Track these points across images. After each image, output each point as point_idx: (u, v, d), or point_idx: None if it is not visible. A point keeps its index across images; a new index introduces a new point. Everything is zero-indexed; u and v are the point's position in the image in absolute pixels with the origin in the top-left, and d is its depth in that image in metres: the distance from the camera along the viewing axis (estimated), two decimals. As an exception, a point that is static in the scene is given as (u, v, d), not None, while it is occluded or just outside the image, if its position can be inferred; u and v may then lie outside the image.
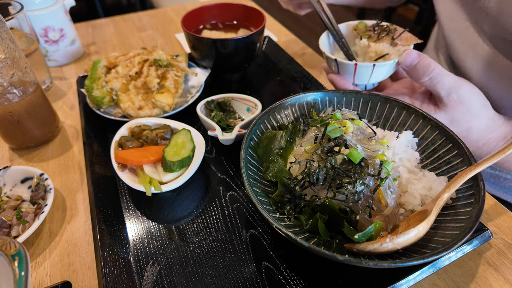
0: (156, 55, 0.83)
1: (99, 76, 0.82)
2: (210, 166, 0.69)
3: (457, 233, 0.44)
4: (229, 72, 0.92)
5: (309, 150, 0.55)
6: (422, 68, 0.62)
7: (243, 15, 0.94)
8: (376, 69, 0.67)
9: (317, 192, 0.51)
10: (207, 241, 0.55)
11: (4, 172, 0.64)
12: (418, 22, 3.24)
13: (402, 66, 0.65)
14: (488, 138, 0.65)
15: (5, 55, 0.62)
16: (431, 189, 0.52)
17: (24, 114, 0.69)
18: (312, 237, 0.49)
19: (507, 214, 0.59)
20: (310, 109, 0.66)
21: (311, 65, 1.02)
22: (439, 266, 0.48)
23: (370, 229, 0.45)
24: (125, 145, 0.65)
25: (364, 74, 0.69)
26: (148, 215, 0.60)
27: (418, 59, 0.63)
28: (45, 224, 0.61)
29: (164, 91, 0.79)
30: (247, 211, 0.60)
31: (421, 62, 0.62)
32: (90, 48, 1.14)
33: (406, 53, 0.64)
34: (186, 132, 0.66)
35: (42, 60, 0.91)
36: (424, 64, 0.62)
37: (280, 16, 1.40)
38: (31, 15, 0.92)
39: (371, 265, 0.40)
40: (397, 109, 0.63)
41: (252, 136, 0.60)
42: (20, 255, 0.39)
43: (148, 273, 0.51)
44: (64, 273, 0.54)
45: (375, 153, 0.51)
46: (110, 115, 0.77)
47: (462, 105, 0.62)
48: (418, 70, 0.63)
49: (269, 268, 0.51)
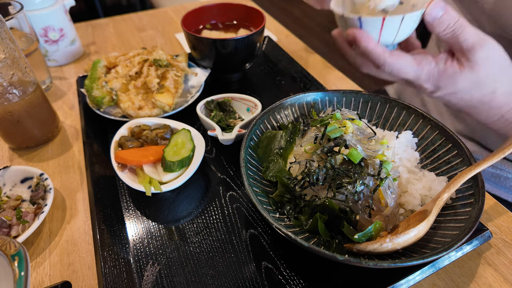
0: (156, 55, 0.83)
1: (99, 76, 0.82)
2: (210, 166, 0.69)
3: (457, 233, 0.44)
4: (229, 72, 0.92)
5: (309, 150, 0.55)
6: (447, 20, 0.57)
7: (243, 15, 0.94)
8: (404, 22, 0.59)
9: (317, 192, 0.51)
10: (207, 241, 0.55)
11: (4, 172, 0.64)
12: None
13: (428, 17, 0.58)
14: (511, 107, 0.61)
15: (5, 55, 0.62)
16: (431, 189, 0.52)
17: (24, 114, 0.69)
18: (312, 237, 0.49)
19: (507, 214, 0.59)
20: (310, 109, 0.66)
21: (311, 65, 1.02)
22: (439, 266, 0.48)
23: (370, 229, 0.45)
24: (125, 145, 0.65)
25: (392, 29, 0.61)
26: (148, 215, 0.60)
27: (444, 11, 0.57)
28: (45, 224, 0.61)
29: (164, 91, 0.79)
30: (247, 211, 0.60)
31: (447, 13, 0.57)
32: (90, 48, 1.14)
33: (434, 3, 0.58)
34: (186, 132, 0.66)
35: (42, 60, 0.91)
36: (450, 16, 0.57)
37: (280, 16, 1.41)
38: (31, 15, 0.92)
39: (371, 265, 0.40)
40: (397, 109, 0.63)
41: (252, 136, 0.60)
42: (20, 255, 0.39)
43: (148, 273, 0.51)
44: (64, 273, 0.54)
45: (375, 153, 0.51)
46: (110, 115, 0.77)
47: (488, 62, 0.58)
48: (443, 23, 0.57)
49: (269, 268, 0.51)
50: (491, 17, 0.68)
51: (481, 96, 0.60)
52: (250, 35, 0.79)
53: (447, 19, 0.57)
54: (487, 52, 0.57)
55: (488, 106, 0.61)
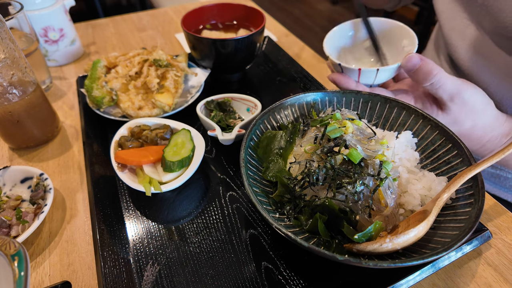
0: (156, 55, 0.83)
1: (99, 76, 0.82)
2: (210, 166, 0.69)
3: (456, 233, 0.44)
4: (229, 72, 0.92)
5: (309, 150, 0.55)
6: (423, 73, 0.62)
7: (243, 15, 0.94)
8: (379, 73, 0.67)
9: (317, 192, 0.51)
10: (207, 241, 0.55)
11: (3, 172, 0.64)
12: (418, 22, 3.24)
13: (403, 69, 0.65)
14: (492, 135, 0.66)
15: (5, 55, 0.62)
16: (430, 189, 0.52)
17: (24, 114, 0.69)
18: (312, 237, 0.49)
19: (507, 214, 0.59)
20: (310, 109, 0.66)
21: (311, 65, 1.02)
22: (438, 266, 0.48)
23: (370, 229, 0.45)
24: (125, 145, 0.65)
25: (368, 77, 0.69)
26: (147, 215, 0.60)
27: (419, 63, 0.62)
28: (44, 224, 0.61)
29: (164, 91, 0.79)
30: (247, 211, 0.60)
31: (423, 66, 0.62)
32: (90, 48, 1.14)
33: (408, 57, 0.63)
34: (186, 132, 0.66)
35: (42, 60, 0.91)
36: (426, 70, 0.61)
37: (280, 16, 1.40)
38: (31, 15, 0.92)
39: (370, 265, 0.40)
40: (397, 109, 0.63)
41: (252, 136, 0.60)
42: (20, 255, 0.39)
43: (148, 273, 0.51)
44: (64, 273, 0.54)
45: (375, 153, 0.51)
46: (110, 115, 0.77)
47: (466, 107, 0.63)
48: (420, 75, 0.62)
49: (269, 268, 0.51)
50: (490, 14, 0.68)
51: (460, 131, 0.65)
52: (250, 35, 0.79)
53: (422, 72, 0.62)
54: (464, 99, 0.62)
55: (468, 139, 0.66)
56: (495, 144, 0.66)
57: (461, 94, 0.61)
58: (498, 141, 0.66)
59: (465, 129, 0.65)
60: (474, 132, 0.66)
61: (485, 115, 0.64)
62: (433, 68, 0.61)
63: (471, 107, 0.63)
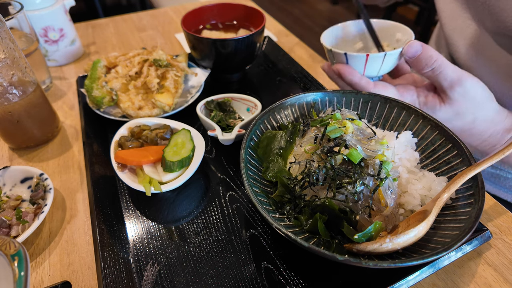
0: (156, 55, 0.83)
1: (99, 76, 0.82)
2: (210, 166, 0.69)
3: (456, 233, 0.44)
4: (229, 72, 0.92)
5: (309, 150, 0.55)
6: (424, 59, 0.62)
7: (243, 15, 0.94)
8: (386, 58, 0.66)
9: (317, 192, 0.51)
10: (207, 241, 0.55)
11: (3, 172, 0.64)
12: (418, 22, 3.24)
13: (405, 56, 0.65)
14: (494, 130, 0.65)
15: (5, 55, 0.62)
16: (430, 189, 0.52)
17: (24, 114, 0.69)
18: (312, 237, 0.49)
19: (507, 214, 0.59)
20: (310, 109, 0.66)
21: (311, 65, 1.02)
22: (438, 266, 0.48)
23: (370, 229, 0.45)
24: (125, 145, 0.65)
25: (375, 64, 0.68)
26: (147, 215, 0.60)
27: (421, 50, 0.62)
28: (44, 224, 0.61)
29: (164, 91, 0.79)
30: (247, 211, 0.60)
31: (424, 53, 0.62)
32: (90, 48, 1.14)
33: (410, 43, 0.63)
34: (186, 132, 0.66)
35: (42, 60, 0.91)
36: (427, 55, 0.61)
37: (280, 16, 1.41)
38: (31, 15, 0.92)
39: (371, 265, 0.40)
40: (397, 109, 0.63)
41: (252, 136, 0.60)
42: (20, 255, 0.39)
43: (148, 273, 0.51)
44: (64, 273, 0.54)
45: (375, 153, 0.51)
46: (110, 115, 0.77)
47: (466, 97, 0.62)
48: (421, 61, 0.62)
49: (269, 268, 0.51)
50: (492, 14, 0.68)
51: (462, 125, 0.65)
52: (250, 35, 0.79)
53: (424, 58, 0.62)
54: (465, 89, 0.62)
55: (469, 133, 0.66)
56: (497, 139, 0.66)
57: (461, 82, 0.61)
58: (500, 136, 0.65)
59: (467, 123, 0.64)
60: (475, 126, 0.65)
61: (486, 108, 0.64)
62: (434, 54, 0.61)
63: (471, 98, 0.62)
